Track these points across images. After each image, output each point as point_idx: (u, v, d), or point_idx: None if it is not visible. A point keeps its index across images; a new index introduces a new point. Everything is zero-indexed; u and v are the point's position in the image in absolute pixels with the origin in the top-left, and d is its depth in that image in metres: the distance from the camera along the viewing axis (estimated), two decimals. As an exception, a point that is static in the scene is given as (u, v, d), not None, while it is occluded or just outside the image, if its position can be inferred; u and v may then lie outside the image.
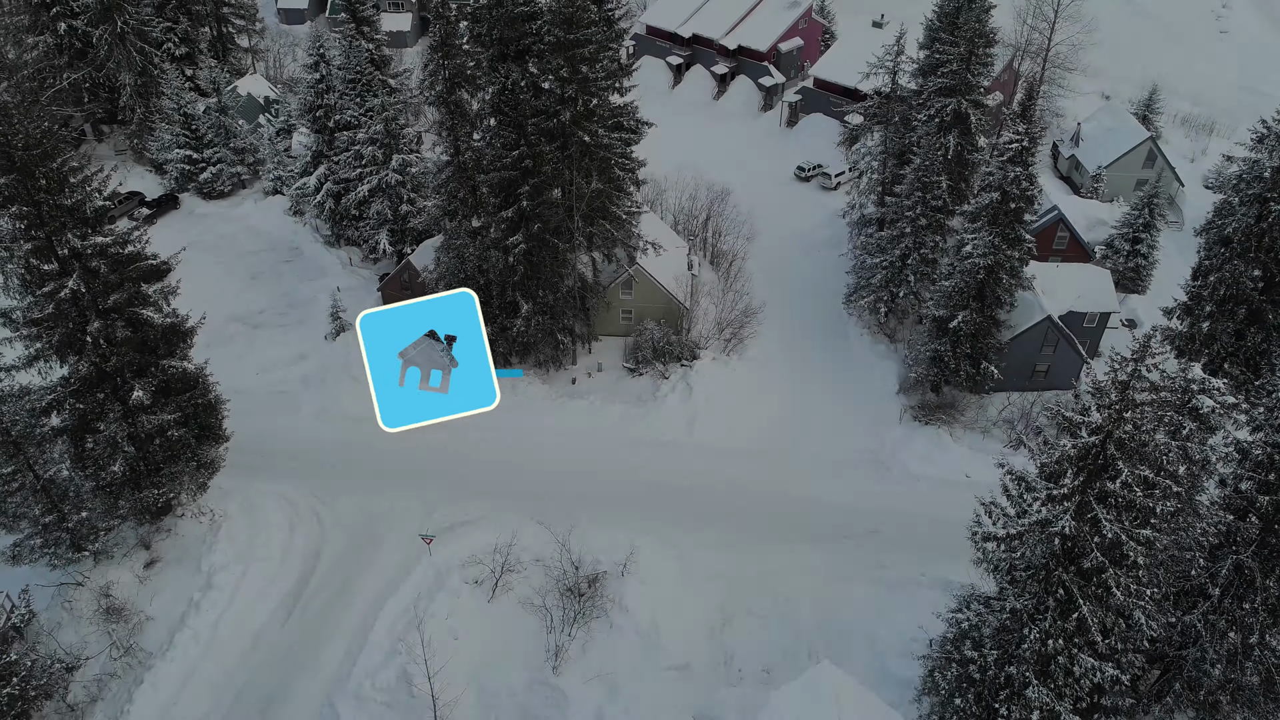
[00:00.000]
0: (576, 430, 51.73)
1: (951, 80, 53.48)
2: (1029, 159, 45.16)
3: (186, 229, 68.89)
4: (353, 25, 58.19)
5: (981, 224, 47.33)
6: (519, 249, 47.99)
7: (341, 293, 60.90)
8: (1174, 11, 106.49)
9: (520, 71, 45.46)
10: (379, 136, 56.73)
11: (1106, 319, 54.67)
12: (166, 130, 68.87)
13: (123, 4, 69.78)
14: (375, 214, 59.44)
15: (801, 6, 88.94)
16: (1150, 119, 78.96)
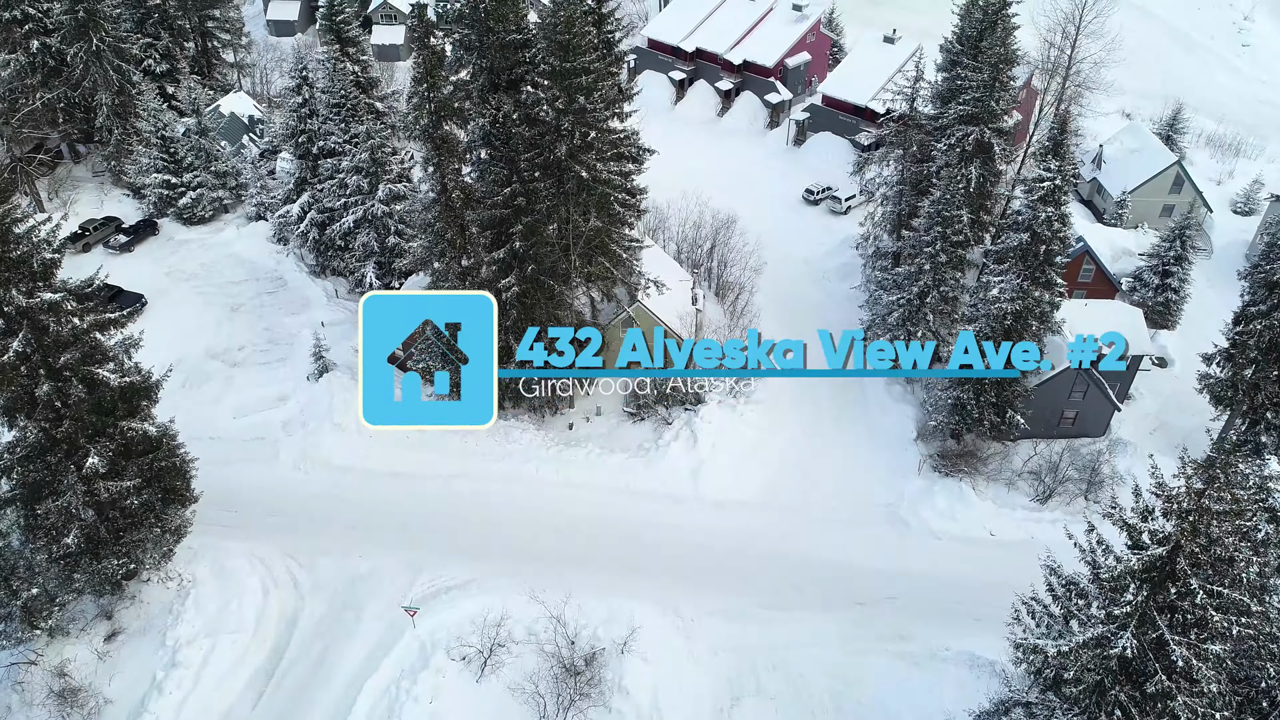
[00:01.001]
0: (574, 482, 48.47)
1: (974, 108, 50.21)
2: (1062, 198, 41.86)
3: (165, 256, 65.71)
4: (337, 46, 54.84)
5: (1009, 265, 44.04)
6: (511, 291, 44.68)
7: (326, 328, 57.71)
8: (1194, 24, 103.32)
9: (513, 103, 42.14)
10: (364, 165, 53.48)
11: (1139, 362, 51.35)
12: (144, 154, 65.56)
13: (99, 21, 66.49)
14: (361, 246, 56.19)
15: (809, 20, 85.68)
16: (1174, 139, 75.79)
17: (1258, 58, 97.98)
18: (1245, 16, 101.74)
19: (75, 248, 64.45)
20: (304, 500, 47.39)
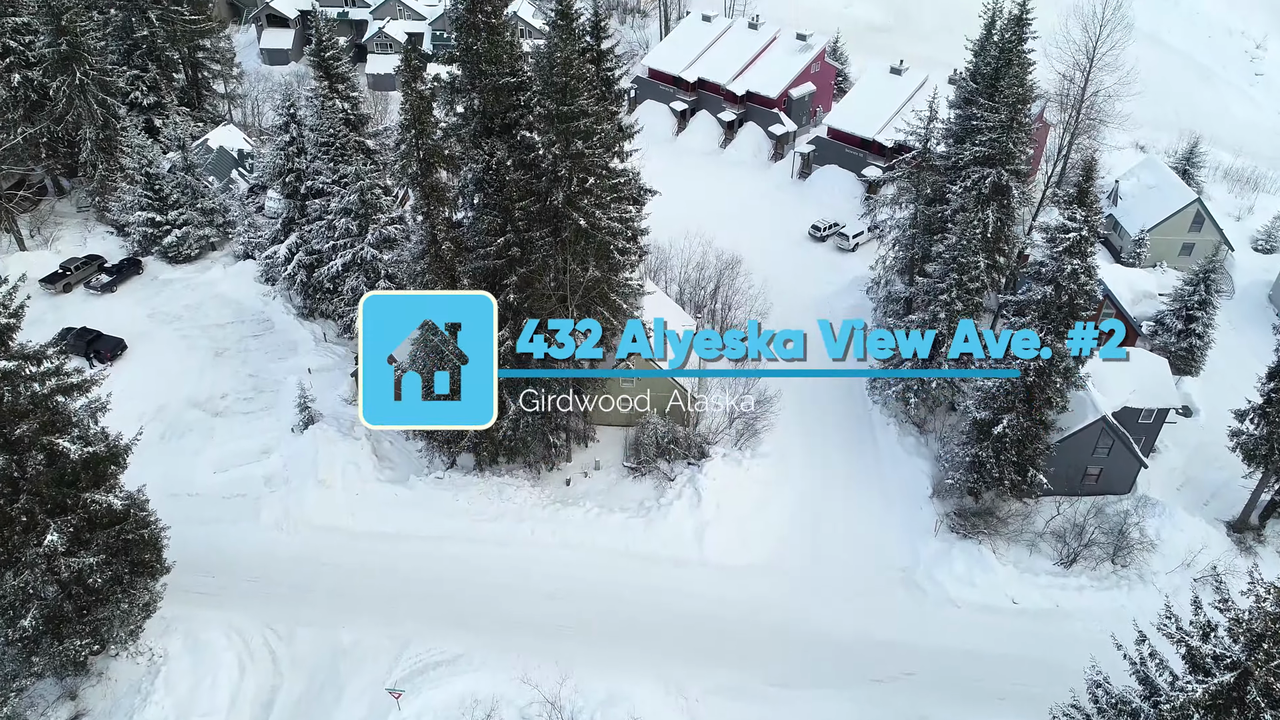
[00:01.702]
0: (571, 543, 45.86)
1: (991, 148, 47.93)
2: (1088, 249, 39.49)
3: (149, 297, 63.34)
4: (326, 83, 52.68)
5: (1030, 319, 41.61)
6: (505, 345, 42.20)
7: (312, 374, 55.33)
8: (1206, 53, 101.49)
9: (507, 148, 39.86)
10: (353, 207, 51.21)
11: (1165, 415, 48.83)
12: (128, 191, 63.35)
13: (83, 54, 64.47)
14: (350, 290, 53.82)
15: (814, 50, 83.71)
16: (1191, 173, 73.57)
17: (1272, 87, 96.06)
18: (1258, 45, 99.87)
19: (55, 288, 62.20)
20: (285, 563, 44.84)
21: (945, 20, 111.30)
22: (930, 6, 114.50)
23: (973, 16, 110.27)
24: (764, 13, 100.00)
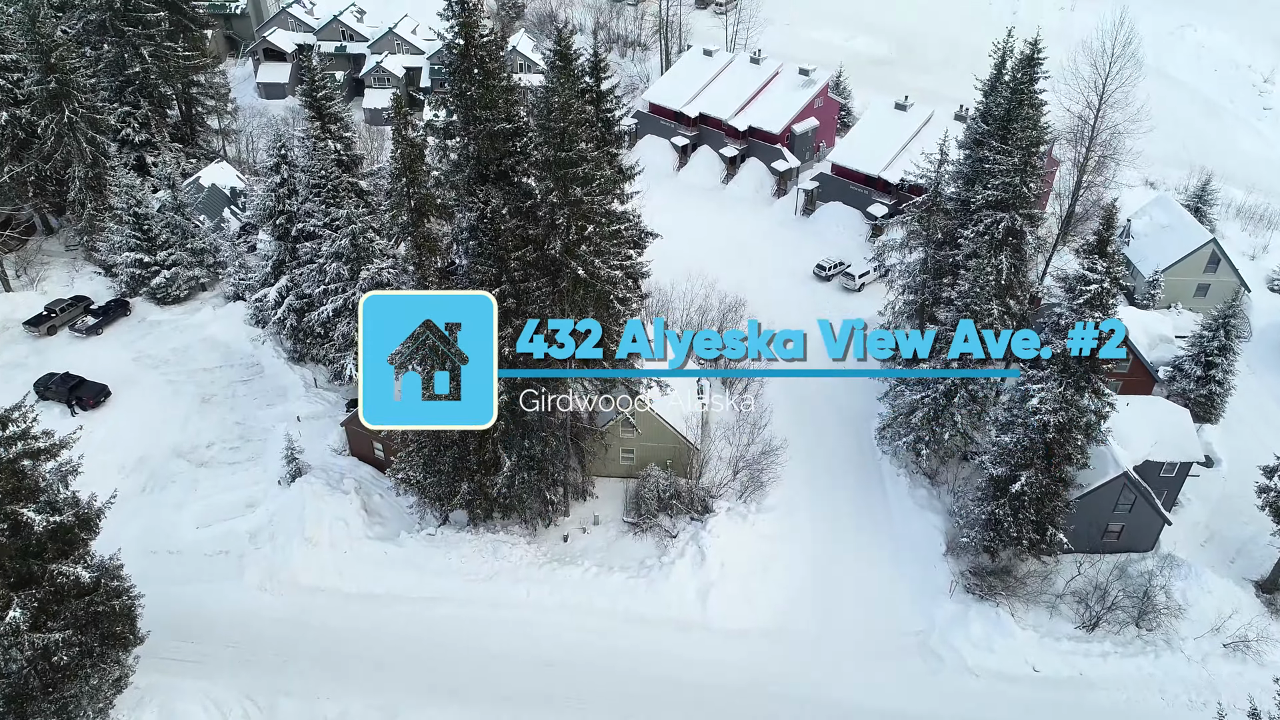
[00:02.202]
0: (568, 605, 43.76)
1: (1004, 192, 46.34)
2: (1110, 302, 37.73)
3: (136, 340, 61.53)
4: (318, 124, 51.22)
5: (1049, 372, 39.77)
6: (501, 398, 40.31)
7: (301, 423, 53.48)
8: (1212, 87, 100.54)
9: (502, 196, 38.24)
10: (345, 252, 49.56)
11: (1188, 469, 46.86)
12: (116, 231, 61.77)
13: (72, 91, 63.17)
14: (341, 336, 52.06)
15: (817, 85, 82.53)
16: (1204, 211, 72.07)
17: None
18: (1265, 79, 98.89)
19: (39, 331, 60.48)
20: (268, 627, 42.75)
21: (948, 54, 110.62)
22: (933, 40, 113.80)
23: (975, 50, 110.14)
24: (765, 46, 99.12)
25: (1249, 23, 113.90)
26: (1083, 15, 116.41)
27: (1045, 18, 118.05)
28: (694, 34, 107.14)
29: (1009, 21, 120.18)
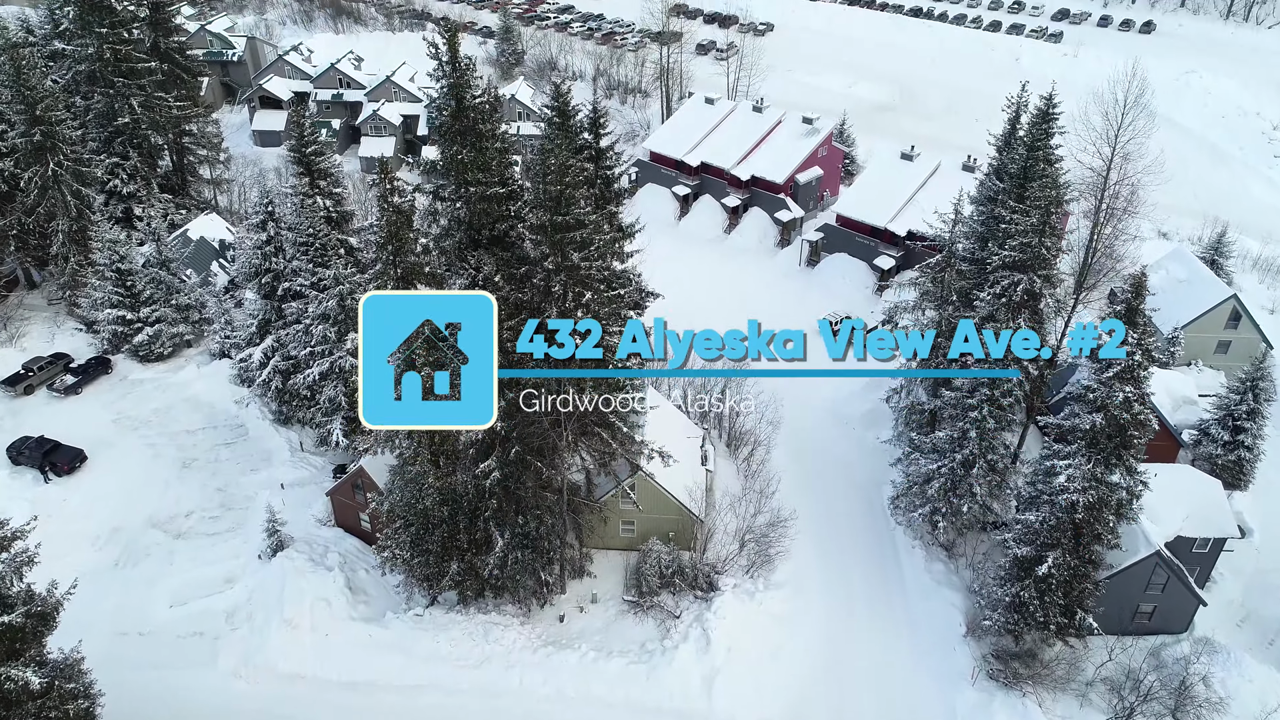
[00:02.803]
0: (564, 694, 40.88)
1: (1021, 253, 44.27)
2: (1141, 375, 35.42)
3: (116, 400, 59.17)
4: (306, 179, 49.35)
5: (1078, 449, 37.33)
6: (492, 476, 37.90)
7: (285, 490, 50.98)
8: (1221, 134, 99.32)
9: (495, 262, 36.13)
10: (332, 313, 47.40)
11: (1222, 544, 44.21)
12: (98, 287, 59.69)
13: (58, 144, 61.50)
14: (328, 400, 49.73)
15: (821, 133, 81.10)
16: (1220, 263, 70.03)
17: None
18: (1275, 127, 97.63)
19: (16, 390, 58.17)
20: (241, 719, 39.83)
21: (950, 100, 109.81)
22: (935, 87, 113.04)
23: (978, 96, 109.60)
24: (767, 93, 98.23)
25: (1252, 70, 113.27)
26: (1086, 62, 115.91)
27: (1048, 65, 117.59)
28: (695, 81, 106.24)
29: (1010, 67, 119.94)
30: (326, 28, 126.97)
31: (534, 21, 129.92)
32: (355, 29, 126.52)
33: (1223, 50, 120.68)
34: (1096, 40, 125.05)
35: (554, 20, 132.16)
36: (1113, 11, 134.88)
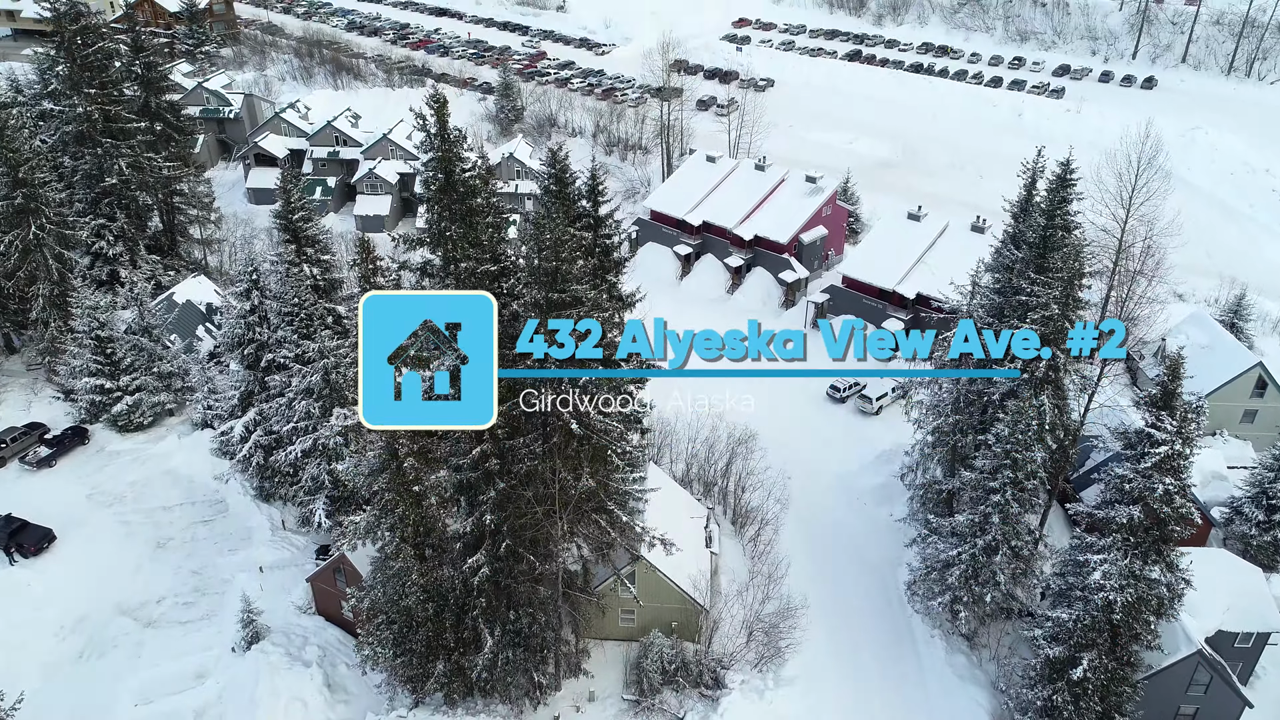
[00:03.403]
0: (558, 809, 37.63)
1: (1044, 326, 41.95)
2: (1182, 466, 32.85)
3: (91, 473, 56.45)
4: (293, 247, 47.31)
5: (1113, 542, 34.60)
6: (481, 573, 35.09)
7: (264, 574, 48.09)
8: (1230, 191, 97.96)
9: (485, 343, 33.65)
10: (316, 388, 44.97)
11: (1266, 638, 41.19)
12: (77, 355, 57.33)
13: (40, 206, 59.67)
14: (310, 479, 47.06)
15: (825, 193, 79.52)
16: (1240, 326, 67.89)
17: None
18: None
19: (-13, 463, 55.52)
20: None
21: (953, 157, 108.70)
22: (937, 143, 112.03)
23: (981, 153, 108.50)
24: (768, 149, 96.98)
25: (1258, 125, 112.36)
26: (1090, 118, 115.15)
27: (1051, 121, 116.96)
28: (696, 137, 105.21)
29: (1013, 123, 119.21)
30: (326, 84, 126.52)
31: (534, 77, 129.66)
32: (355, 85, 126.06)
33: (1225, 106, 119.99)
34: (1099, 96, 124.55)
35: (554, 76, 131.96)
36: (1113, 67, 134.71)
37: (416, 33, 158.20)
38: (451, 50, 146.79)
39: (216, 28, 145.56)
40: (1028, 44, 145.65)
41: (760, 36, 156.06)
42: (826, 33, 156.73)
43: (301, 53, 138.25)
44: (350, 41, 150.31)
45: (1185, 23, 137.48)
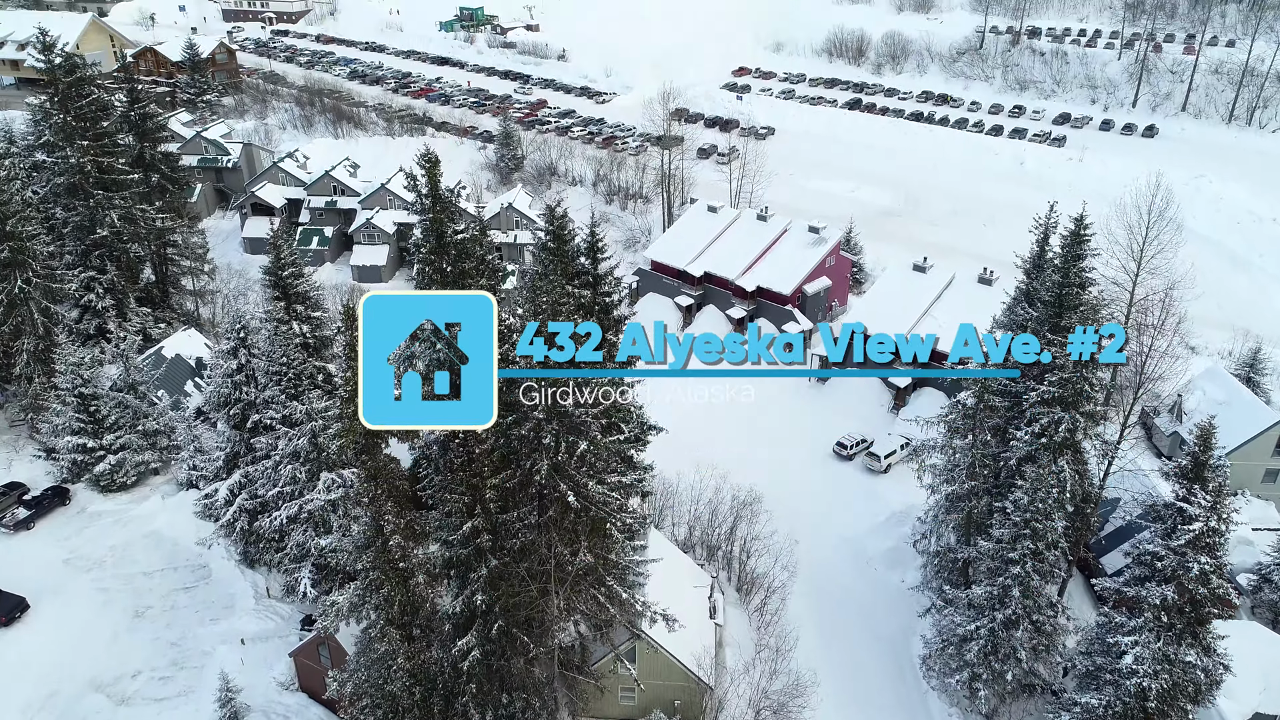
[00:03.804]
0: None
1: (1062, 389, 40.24)
2: (1218, 544, 30.88)
3: (71, 535, 54.28)
4: (282, 304, 45.80)
5: (1145, 623, 32.48)
6: (471, 656, 32.91)
7: (246, 646, 45.78)
8: (1238, 240, 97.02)
9: (477, 412, 31.90)
10: (303, 452, 43.09)
11: (1305, 722, 38.77)
12: (59, 413, 55.56)
13: (27, 260, 58.36)
14: (295, 546, 44.97)
15: (828, 243, 78.38)
16: (1256, 381, 66.21)
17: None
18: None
19: (-38, 526, 53.41)
20: None
21: (956, 205, 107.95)
22: (939, 192, 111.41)
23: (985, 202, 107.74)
24: (769, 198, 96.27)
25: (1261, 174, 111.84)
26: (1093, 166, 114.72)
27: (1054, 169, 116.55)
28: (697, 186, 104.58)
29: (1015, 172, 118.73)
30: (326, 132, 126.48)
31: (535, 126, 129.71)
32: (355, 133, 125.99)
33: (1227, 154, 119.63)
34: (1100, 144, 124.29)
35: (555, 124, 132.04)
36: (1114, 116, 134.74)
37: (418, 81, 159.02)
38: (453, 99, 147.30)
39: (219, 77, 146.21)
40: (1027, 92, 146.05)
41: (760, 85, 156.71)
42: (826, 81, 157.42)
43: (302, 101, 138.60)
44: (352, 90, 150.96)
45: (1184, 71, 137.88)
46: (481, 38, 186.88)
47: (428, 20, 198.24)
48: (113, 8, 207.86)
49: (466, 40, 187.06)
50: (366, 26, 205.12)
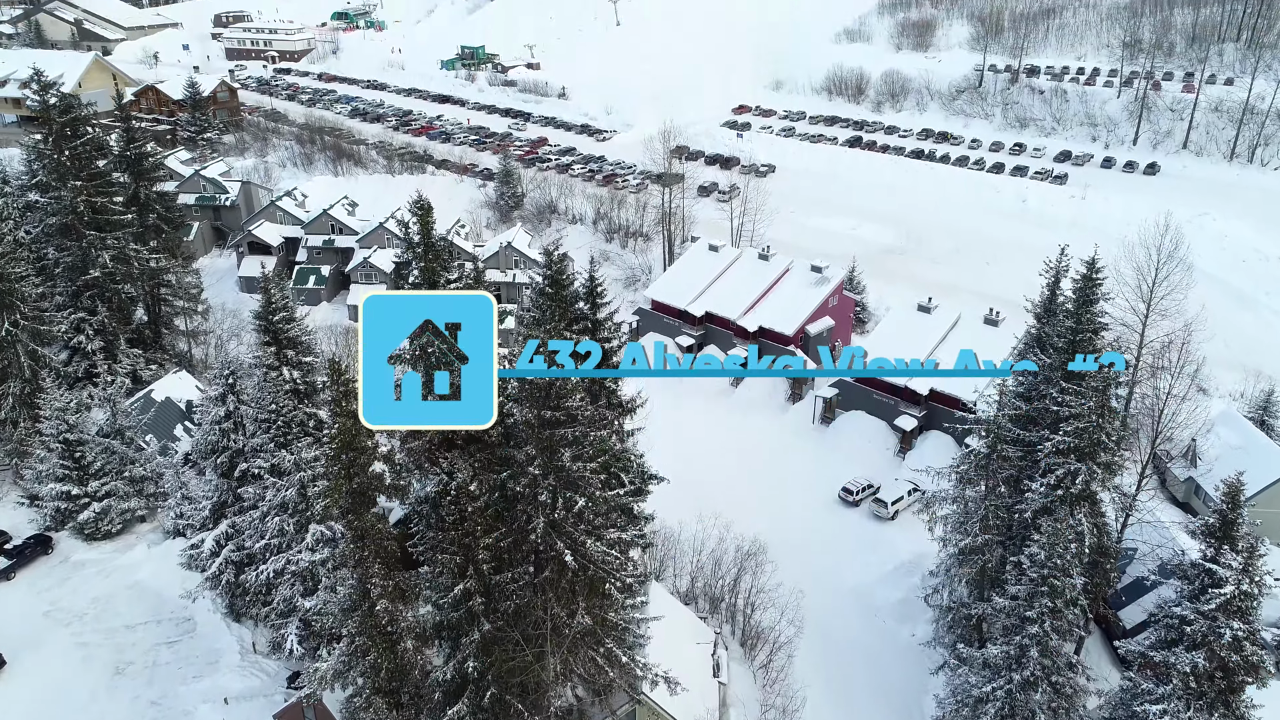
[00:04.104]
0: None
1: (1078, 439, 38.81)
2: (1251, 607, 29.29)
3: (52, 586, 52.59)
4: (273, 350, 44.53)
5: (1173, 690, 30.75)
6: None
7: (229, 705, 43.89)
8: (1243, 278, 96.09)
9: (469, 467, 30.58)
10: (291, 503, 41.57)
11: (1343, 793, 36.76)
12: (43, 459, 54.12)
13: (15, 302, 57.24)
14: (282, 601, 43.26)
15: (831, 282, 77.40)
16: (1270, 424, 64.77)
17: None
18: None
19: (-60, 577, 51.70)
20: None
21: (958, 243, 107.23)
22: (941, 229, 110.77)
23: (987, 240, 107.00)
24: (771, 236, 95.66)
25: (1265, 212, 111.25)
26: (1095, 204, 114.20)
27: (1056, 207, 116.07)
28: (697, 223, 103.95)
29: (1017, 209, 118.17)
30: (326, 170, 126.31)
31: (535, 164, 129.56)
32: (355, 171, 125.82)
33: (1230, 192, 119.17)
34: (1102, 182, 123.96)
35: (555, 162, 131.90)
36: (1115, 153, 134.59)
37: (419, 119, 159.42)
38: (453, 136, 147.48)
39: (220, 115, 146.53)
40: (1027, 130, 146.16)
41: (760, 123, 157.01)
42: (826, 119, 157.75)
43: (303, 139, 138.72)
44: (353, 128, 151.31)
45: (1184, 109, 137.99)
46: (483, 76, 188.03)
47: (429, 59, 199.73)
48: (117, 47, 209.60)
49: (468, 78, 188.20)
50: (368, 65, 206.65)
